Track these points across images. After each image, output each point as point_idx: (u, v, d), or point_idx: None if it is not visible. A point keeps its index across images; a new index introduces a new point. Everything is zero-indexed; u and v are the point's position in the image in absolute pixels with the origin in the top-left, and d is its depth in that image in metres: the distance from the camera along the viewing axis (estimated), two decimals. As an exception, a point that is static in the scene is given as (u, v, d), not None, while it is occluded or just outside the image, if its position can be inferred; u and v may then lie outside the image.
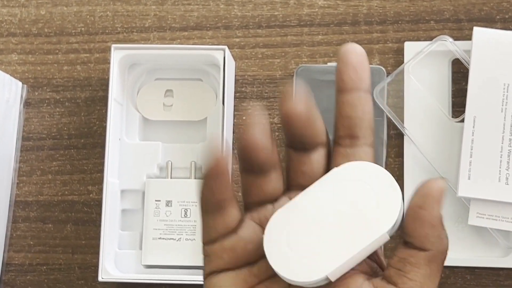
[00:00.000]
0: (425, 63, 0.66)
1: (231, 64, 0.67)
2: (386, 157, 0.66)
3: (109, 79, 0.66)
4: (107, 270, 0.63)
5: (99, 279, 0.64)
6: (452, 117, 0.66)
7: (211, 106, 0.67)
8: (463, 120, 0.63)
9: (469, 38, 0.65)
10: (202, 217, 0.38)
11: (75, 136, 0.69)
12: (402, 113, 0.66)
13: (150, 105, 0.68)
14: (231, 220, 0.38)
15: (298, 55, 0.68)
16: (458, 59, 0.66)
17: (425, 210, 0.35)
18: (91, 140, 0.69)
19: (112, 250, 0.65)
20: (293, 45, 0.69)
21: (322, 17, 0.69)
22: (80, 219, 0.68)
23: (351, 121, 0.37)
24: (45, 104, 0.70)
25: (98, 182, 0.68)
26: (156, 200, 0.66)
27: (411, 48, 0.67)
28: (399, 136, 0.66)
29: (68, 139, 0.69)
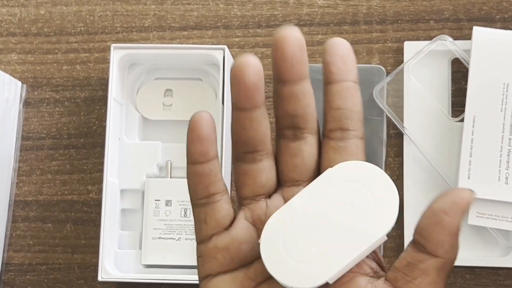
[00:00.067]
0: (424, 62, 0.66)
1: (230, 63, 0.67)
2: (386, 156, 0.66)
3: (108, 78, 0.66)
4: (106, 270, 0.63)
5: (99, 278, 0.63)
6: (452, 116, 0.66)
7: (211, 106, 0.67)
8: (462, 120, 0.63)
9: (468, 37, 0.65)
10: (194, 212, 0.38)
11: (75, 136, 0.69)
12: (401, 112, 0.66)
13: (149, 104, 0.68)
14: (222, 215, 0.38)
15: (298, 54, 0.68)
16: (457, 58, 0.66)
17: (448, 216, 0.35)
18: (91, 140, 0.69)
19: (111, 249, 0.65)
20: (292, 44, 0.69)
21: (321, 16, 0.69)
22: (79, 219, 0.68)
23: (341, 113, 0.37)
24: (44, 104, 0.70)
25: (98, 181, 0.68)
26: (155, 200, 0.66)
27: (410, 47, 0.67)
28: (398, 135, 0.66)
29: (68, 138, 0.69)
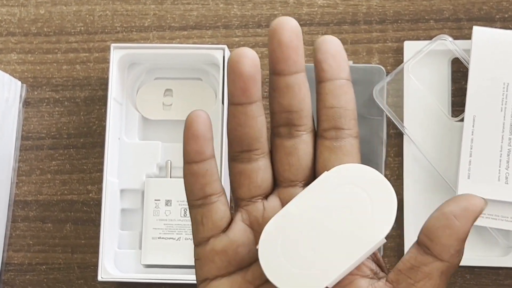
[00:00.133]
0: (424, 62, 0.66)
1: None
2: (386, 156, 0.66)
3: (108, 78, 0.66)
4: (106, 270, 0.63)
5: (99, 278, 0.63)
6: (452, 116, 0.66)
7: (211, 106, 0.67)
8: (462, 120, 0.63)
9: (468, 37, 0.65)
10: (190, 213, 0.38)
11: (75, 136, 0.69)
12: (401, 112, 0.66)
13: (149, 104, 0.68)
14: (219, 216, 0.38)
15: (298, 54, 0.68)
16: (457, 58, 0.66)
17: (459, 221, 0.35)
18: (91, 140, 0.69)
19: (111, 249, 0.65)
20: (292, 44, 0.69)
21: (321, 16, 0.69)
22: (79, 219, 0.68)
23: (335, 111, 0.37)
24: (44, 104, 0.70)
25: (98, 181, 0.68)
26: (155, 200, 0.66)
27: (410, 47, 0.67)
28: (398, 135, 0.66)
29: (68, 138, 0.69)
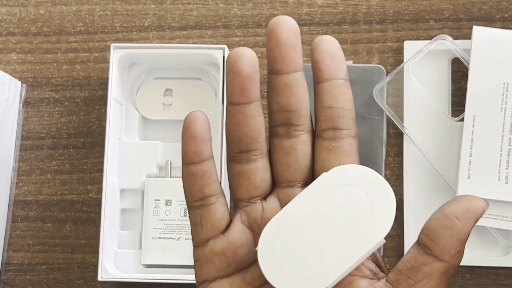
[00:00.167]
0: (424, 62, 0.66)
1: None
2: (386, 156, 0.66)
3: (108, 78, 0.66)
4: (106, 270, 0.63)
5: (99, 278, 0.63)
6: (452, 116, 0.66)
7: (211, 105, 0.67)
8: (462, 119, 0.63)
9: (468, 37, 0.65)
10: (189, 215, 0.38)
11: (75, 136, 0.69)
12: (401, 112, 0.66)
13: (149, 104, 0.68)
14: (218, 218, 0.38)
15: (298, 54, 0.68)
16: (457, 58, 0.65)
17: (460, 222, 0.35)
18: (91, 140, 0.69)
19: (111, 249, 0.65)
20: (292, 44, 0.69)
21: (321, 16, 0.69)
22: (79, 219, 0.68)
23: (333, 112, 0.37)
24: (44, 104, 0.70)
25: (98, 181, 0.68)
26: (155, 200, 0.66)
27: (410, 47, 0.67)
28: (398, 135, 0.66)
29: (68, 138, 0.69)
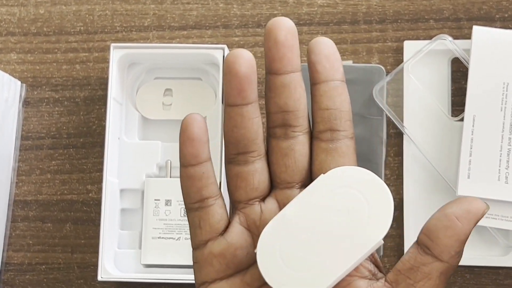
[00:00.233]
0: (424, 62, 0.66)
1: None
2: (386, 156, 0.66)
3: (108, 78, 0.66)
4: (106, 270, 0.63)
5: (99, 278, 0.63)
6: (452, 116, 0.66)
7: (211, 105, 0.67)
8: (462, 119, 0.63)
9: (468, 37, 0.65)
10: (188, 217, 0.38)
11: (74, 135, 0.69)
12: (401, 112, 0.66)
13: (149, 104, 0.68)
14: (216, 219, 0.38)
15: (298, 54, 0.68)
16: (457, 58, 0.65)
17: (461, 222, 0.35)
18: (90, 139, 0.69)
19: (111, 249, 0.65)
20: (292, 44, 0.69)
21: (321, 16, 0.69)
22: (79, 219, 0.68)
23: (330, 113, 0.37)
24: (44, 103, 0.70)
25: (97, 181, 0.68)
26: (155, 200, 0.66)
27: (410, 47, 0.67)
28: (398, 135, 0.66)
29: (67, 138, 0.69)
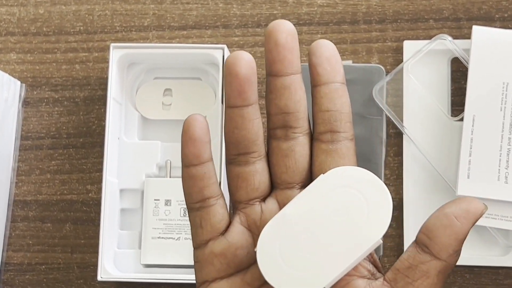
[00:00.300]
0: (424, 62, 0.66)
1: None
2: (386, 156, 0.66)
3: (108, 78, 0.66)
4: (106, 270, 0.63)
5: (98, 278, 0.63)
6: (451, 116, 0.66)
7: (210, 105, 0.67)
8: (462, 119, 0.63)
9: (468, 37, 0.65)
10: (189, 216, 0.38)
11: (74, 135, 0.69)
12: (401, 112, 0.66)
13: (149, 104, 0.68)
14: (218, 219, 0.38)
15: (297, 54, 0.68)
16: (457, 58, 0.65)
17: (459, 222, 0.36)
18: (90, 139, 0.69)
19: (111, 249, 0.65)
20: (292, 44, 0.69)
21: (321, 16, 0.69)
22: (79, 219, 0.68)
23: (331, 115, 0.38)
24: (43, 103, 0.70)
25: (97, 181, 0.68)
26: (155, 199, 0.66)
27: (410, 47, 0.67)
28: (398, 135, 0.66)
29: (67, 138, 0.69)
